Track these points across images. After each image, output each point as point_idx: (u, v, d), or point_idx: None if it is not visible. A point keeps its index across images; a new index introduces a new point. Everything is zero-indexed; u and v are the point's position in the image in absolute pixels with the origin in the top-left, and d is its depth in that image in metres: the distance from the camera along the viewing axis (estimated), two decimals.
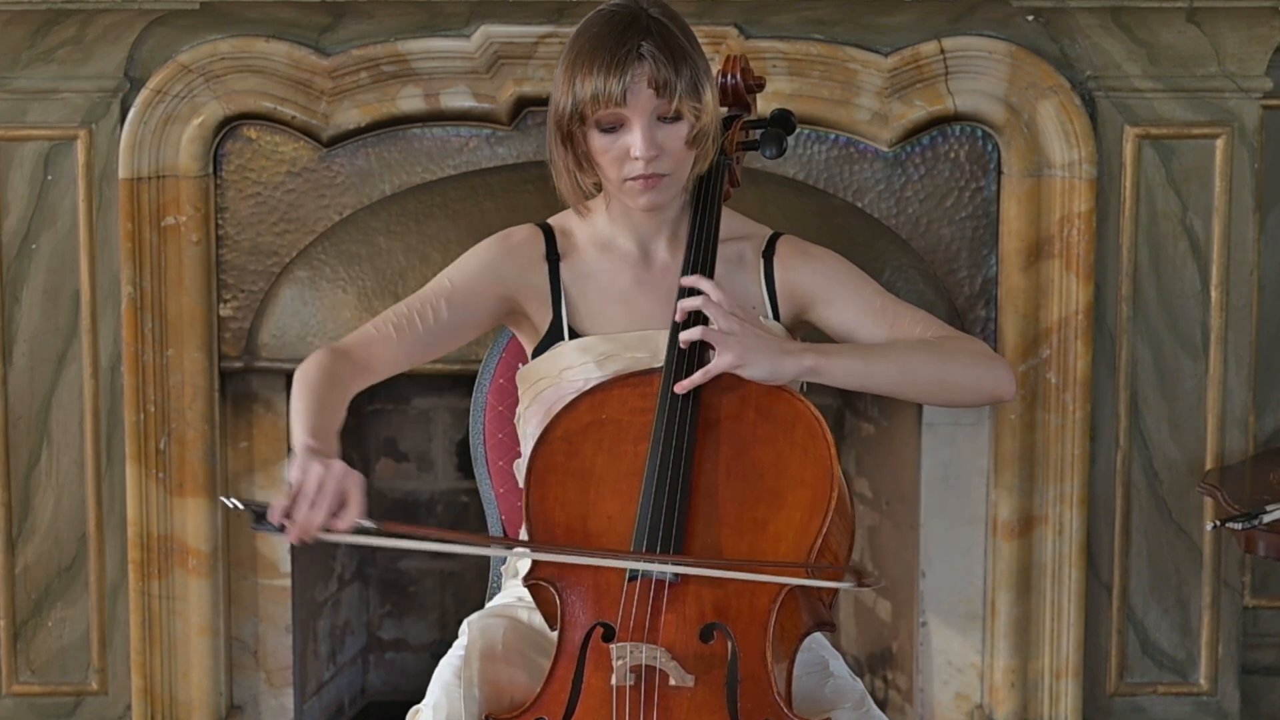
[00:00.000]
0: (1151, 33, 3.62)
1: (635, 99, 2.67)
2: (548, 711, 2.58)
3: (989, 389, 2.80)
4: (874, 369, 2.75)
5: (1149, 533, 3.77)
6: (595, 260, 2.84)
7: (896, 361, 2.77)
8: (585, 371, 2.76)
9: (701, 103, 2.70)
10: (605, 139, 2.71)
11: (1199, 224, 3.70)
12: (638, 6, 2.72)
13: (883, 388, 2.77)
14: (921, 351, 2.78)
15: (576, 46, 2.71)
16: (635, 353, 2.77)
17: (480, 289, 2.82)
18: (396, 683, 4.32)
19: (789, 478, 2.63)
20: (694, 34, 2.75)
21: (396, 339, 2.78)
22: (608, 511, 2.64)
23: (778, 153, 2.88)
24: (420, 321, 2.79)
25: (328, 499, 2.47)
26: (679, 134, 2.71)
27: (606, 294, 2.82)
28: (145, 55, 3.62)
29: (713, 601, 2.58)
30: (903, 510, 3.92)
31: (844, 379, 2.74)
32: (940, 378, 2.77)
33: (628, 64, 2.66)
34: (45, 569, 3.75)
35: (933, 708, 3.86)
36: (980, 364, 2.80)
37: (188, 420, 3.69)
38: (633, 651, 2.53)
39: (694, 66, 2.70)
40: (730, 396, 2.68)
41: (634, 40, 2.67)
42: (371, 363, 2.76)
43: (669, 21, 2.71)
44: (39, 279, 3.68)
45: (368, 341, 2.77)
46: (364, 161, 3.68)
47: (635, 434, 2.66)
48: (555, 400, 2.75)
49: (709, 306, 2.69)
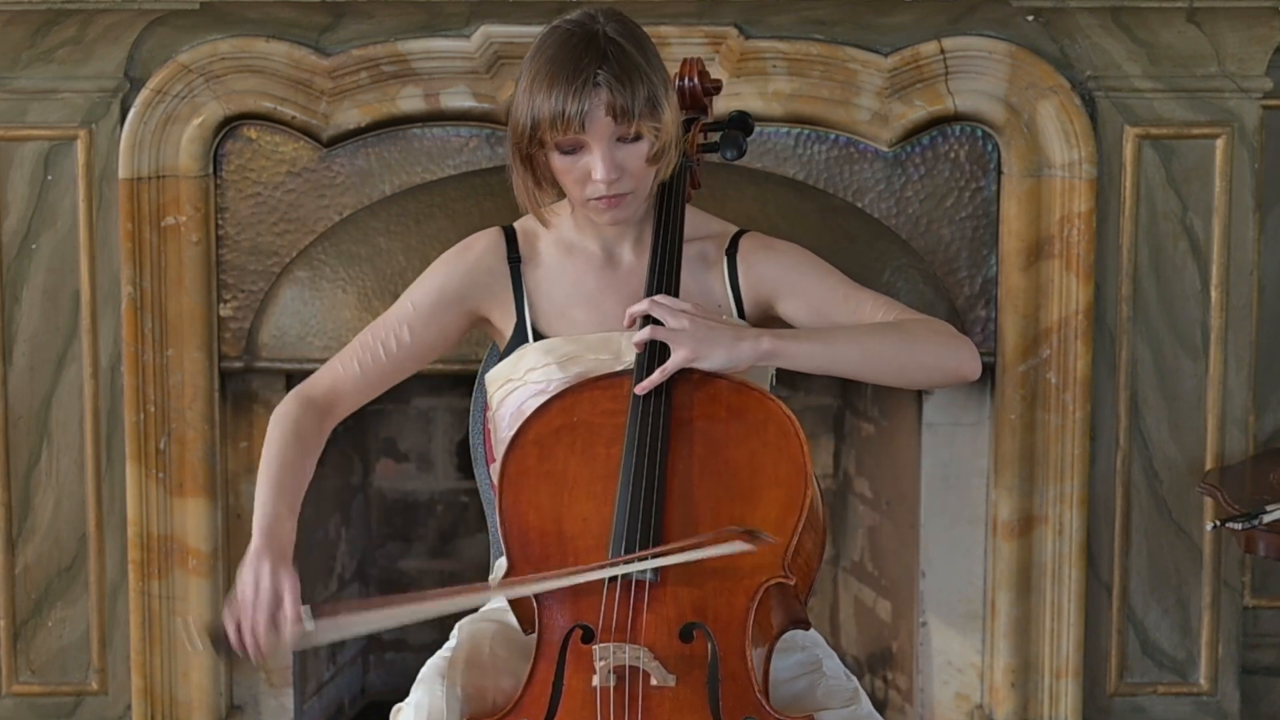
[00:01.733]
0: (1151, 33, 3.62)
1: (593, 125, 2.67)
2: (529, 714, 2.58)
3: (952, 368, 2.80)
4: (834, 350, 2.75)
5: (1149, 533, 3.77)
6: (559, 262, 2.85)
7: (857, 343, 2.77)
8: (548, 373, 2.77)
9: (661, 121, 2.70)
10: (566, 160, 2.72)
11: (1199, 224, 3.70)
12: (593, 25, 2.70)
13: (845, 369, 2.76)
14: (883, 332, 2.78)
15: (534, 68, 2.70)
16: (598, 354, 2.78)
17: (441, 308, 2.85)
18: (396, 683, 4.32)
19: (764, 476, 2.63)
20: (651, 44, 2.74)
21: (360, 374, 2.85)
22: (582, 514, 2.64)
23: (737, 154, 2.90)
24: (384, 351, 2.84)
25: (263, 614, 2.58)
26: (639, 153, 2.71)
27: (570, 296, 2.83)
28: (145, 55, 3.62)
29: (691, 601, 2.58)
30: (903, 510, 3.92)
31: (804, 361, 2.73)
32: (902, 358, 2.77)
33: (584, 92, 2.65)
34: (45, 569, 3.75)
35: (933, 708, 3.86)
36: (942, 343, 2.80)
37: (188, 420, 3.69)
38: (615, 652, 2.54)
39: (651, 85, 2.69)
40: (701, 396, 2.68)
41: (590, 67, 2.66)
42: (339, 402, 2.84)
43: (625, 40, 2.70)
44: (39, 279, 3.68)
45: (333, 382, 2.84)
46: (364, 161, 3.68)
47: (608, 436, 2.67)
48: (523, 401, 2.76)
49: (655, 308, 2.70)
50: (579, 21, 2.72)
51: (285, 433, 2.77)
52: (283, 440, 2.76)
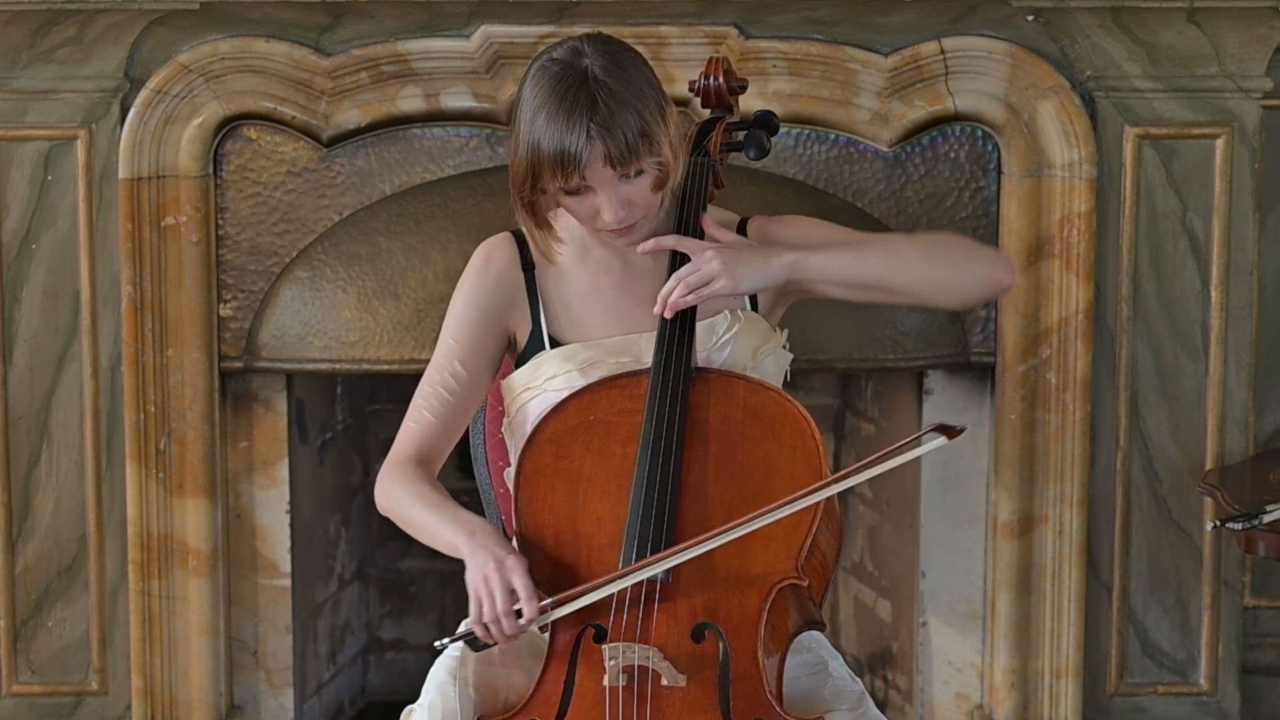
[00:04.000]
0: (1151, 33, 3.62)
1: (593, 174, 2.67)
2: (540, 713, 2.59)
3: (984, 273, 2.77)
4: (863, 260, 2.74)
5: (1149, 533, 3.77)
6: (573, 267, 2.84)
7: (885, 251, 2.75)
8: (569, 380, 2.77)
9: (660, 154, 2.69)
10: (572, 199, 2.72)
11: (1199, 224, 3.70)
12: (580, 63, 2.68)
13: (874, 278, 2.74)
14: (909, 241, 2.79)
15: (528, 112, 2.68)
16: (618, 358, 2.78)
17: (480, 332, 2.84)
18: (396, 683, 4.32)
19: (778, 477, 2.63)
20: (639, 68, 2.72)
21: (436, 421, 2.83)
22: (597, 513, 2.64)
23: (760, 154, 2.89)
24: (447, 393, 2.83)
25: (501, 605, 2.57)
26: (644, 185, 2.71)
27: (586, 300, 2.83)
28: (145, 55, 3.62)
29: (703, 601, 2.58)
30: (903, 510, 3.92)
31: (834, 271, 2.73)
32: (933, 265, 2.75)
33: (579, 145, 2.64)
34: (45, 569, 3.75)
35: (933, 708, 3.87)
36: (974, 251, 2.79)
37: (188, 420, 3.69)
38: (625, 652, 2.54)
39: (643, 122, 2.66)
40: (719, 397, 2.68)
41: (582, 121, 2.64)
42: (433, 455, 2.83)
43: (613, 77, 2.67)
44: (39, 279, 3.68)
45: (417, 439, 2.82)
46: (364, 161, 3.68)
47: (623, 435, 2.67)
48: (542, 409, 2.76)
49: (682, 244, 2.72)
50: (566, 63, 2.68)
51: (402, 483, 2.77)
52: (405, 489, 2.76)
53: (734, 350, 2.78)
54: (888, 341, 3.68)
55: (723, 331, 2.78)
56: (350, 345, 3.65)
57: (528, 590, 2.57)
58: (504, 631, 2.58)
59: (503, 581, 2.58)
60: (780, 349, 2.85)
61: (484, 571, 2.59)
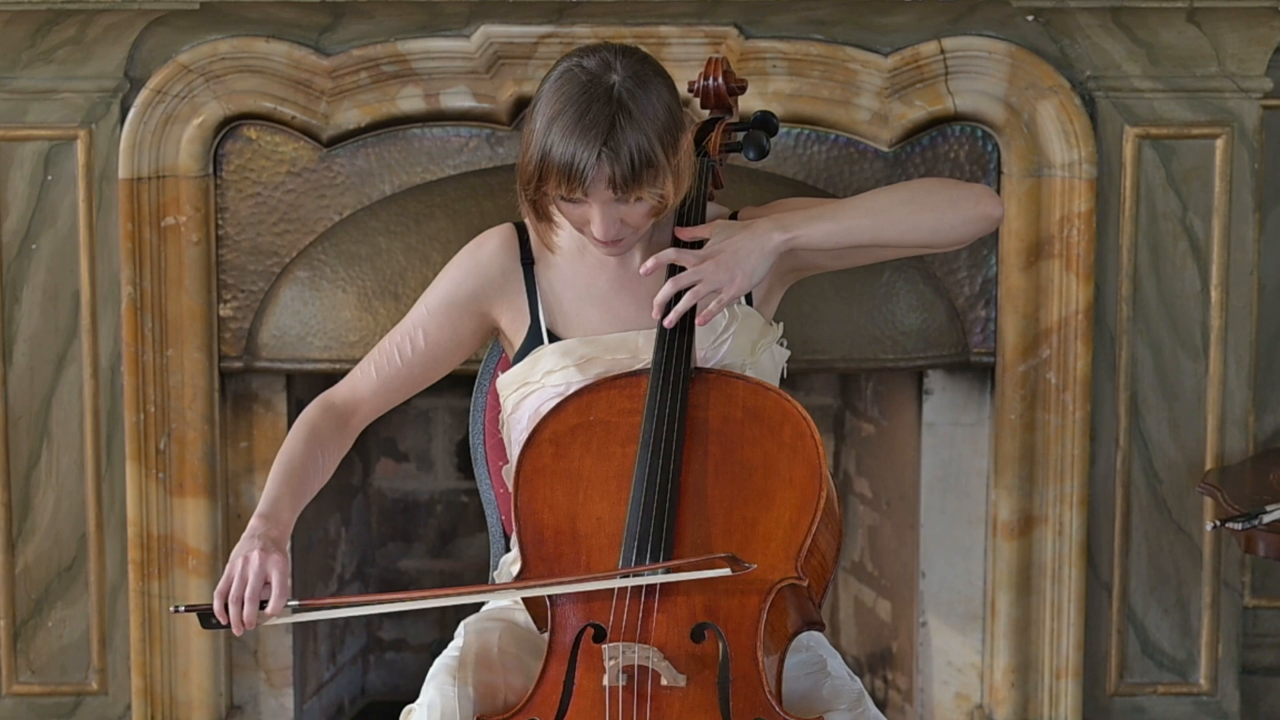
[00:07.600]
0: (1151, 33, 3.62)
1: (594, 192, 2.67)
2: (539, 713, 2.59)
3: (971, 210, 2.78)
4: (846, 224, 2.75)
5: (1149, 533, 3.77)
6: (572, 263, 2.85)
7: (864, 209, 2.77)
8: (567, 375, 2.77)
9: (663, 189, 2.68)
10: (568, 206, 2.73)
11: (1199, 224, 3.70)
12: (608, 78, 2.67)
13: (863, 238, 2.76)
14: (888, 192, 2.80)
15: (546, 113, 2.68)
16: (616, 354, 2.78)
17: (455, 310, 2.85)
18: (396, 683, 4.32)
19: (778, 478, 2.63)
20: (665, 92, 2.70)
21: (377, 379, 2.87)
22: (596, 513, 2.64)
23: (759, 154, 2.89)
24: (399, 357, 2.86)
25: (251, 589, 2.61)
26: (640, 210, 2.72)
27: (584, 296, 2.83)
28: (145, 55, 3.62)
29: (703, 602, 2.58)
30: (903, 510, 3.92)
31: (822, 239, 2.74)
32: (917, 211, 2.76)
33: (588, 162, 2.64)
34: (45, 569, 3.75)
35: (933, 708, 3.87)
36: (957, 190, 2.80)
37: (188, 420, 3.69)
38: (625, 652, 2.54)
39: (654, 154, 2.65)
40: (718, 397, 2.69)
41: (596, 140, 2.63)
42: (358, 408, 2.87)
43: (635, 102, 2.65)
44: (39, 279, 3.68)
45: (352, 388, 2.87)
46: (364, 161, 3.68)
47: (623, 435, 2.67)
48: (540, 405, 2.76)
49: (681, 256, 2.73)
50: (595, 75, 2.68)
51: (299, 431, 2.81)
52: (295, 437, 2.80)
53: (732, 346, 2.78)
54: (888, 341, 3.68)
55: (721, 329, 2.79)
56: (350, 345, 3.65)
57: (282, 586, 2.61)
58: (240, 616, 2.61)
59: (261, 569, 2.62)
60: (777, 344, 2.85)
61: (248, 553, 2.63)
